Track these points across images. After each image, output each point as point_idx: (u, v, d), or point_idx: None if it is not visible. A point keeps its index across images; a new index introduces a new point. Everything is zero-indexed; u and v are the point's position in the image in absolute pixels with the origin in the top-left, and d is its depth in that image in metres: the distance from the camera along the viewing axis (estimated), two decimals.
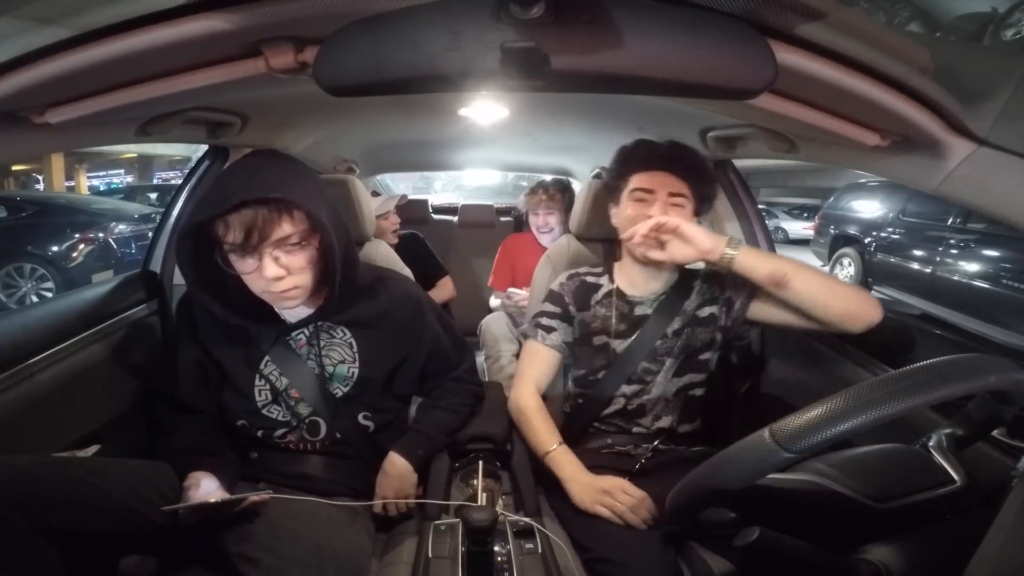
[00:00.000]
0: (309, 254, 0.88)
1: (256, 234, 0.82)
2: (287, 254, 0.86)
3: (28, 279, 5.22)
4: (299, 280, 0.88)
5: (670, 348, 1.14)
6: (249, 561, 0.80)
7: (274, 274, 0.85)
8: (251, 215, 0.81)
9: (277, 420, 1.02)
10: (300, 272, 0.88)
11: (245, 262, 0.85)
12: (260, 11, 0.56)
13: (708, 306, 1.16)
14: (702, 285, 1.18)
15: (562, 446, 1.10)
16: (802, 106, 0.75)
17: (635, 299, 1.17)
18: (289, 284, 0.87)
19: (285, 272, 0.86)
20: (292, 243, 0.85)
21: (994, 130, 0.67)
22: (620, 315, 1.17)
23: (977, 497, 0.59)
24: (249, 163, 0.88)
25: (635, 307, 1.17)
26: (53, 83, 0.62)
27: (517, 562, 0.87)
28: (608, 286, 1.20)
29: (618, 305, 1.17)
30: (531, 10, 0.51)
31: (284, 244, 0.85)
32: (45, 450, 0.97)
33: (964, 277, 4.43)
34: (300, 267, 0.87)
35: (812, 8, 0.55)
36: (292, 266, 0.86)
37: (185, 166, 12.88)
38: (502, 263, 2.25)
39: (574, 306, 1.20)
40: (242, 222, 0.81)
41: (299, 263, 0.87)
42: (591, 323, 1.19)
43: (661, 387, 1.15)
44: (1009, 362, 0.54)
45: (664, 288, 1.18)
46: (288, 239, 0.85)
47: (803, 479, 0.61)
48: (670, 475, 0.86)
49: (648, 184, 1.10)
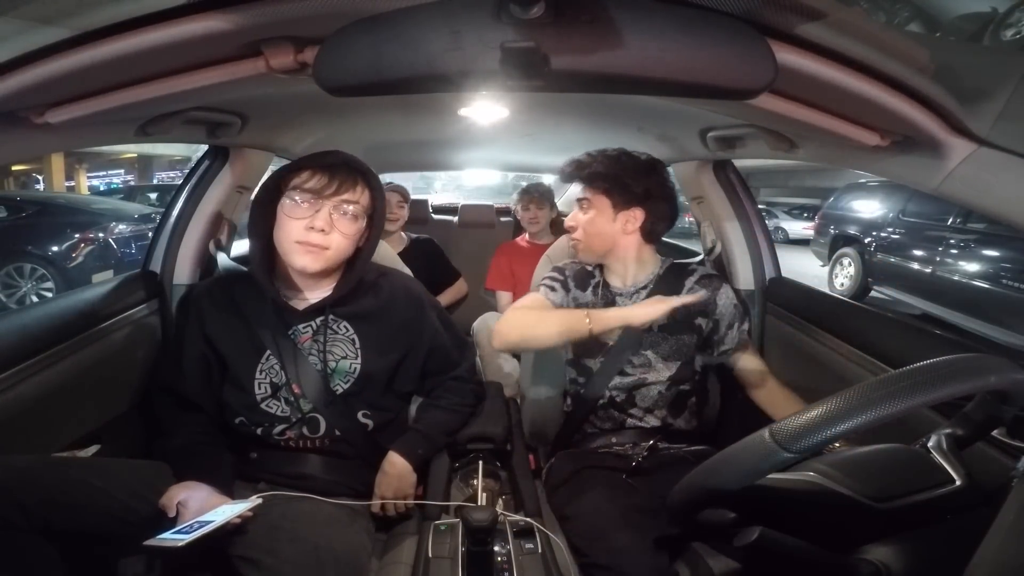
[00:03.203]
0: (356, 228, 1.00)
1: (334, 186, 0.96)
2: (341, 216, 0.98)
3: (28, 279, 5.21)
4: (335, 242, 0.97)
5: (656, 343, 1.18)
6: (249, 562, 0.80)
7: (320, 224, 0.95)
8: (341, 172, 0.98)
9: (276, 415, 1.02)
10: (341, 236, 0.98)
11: (302, 207, 0.96)
12: (260, 11, 0.56)
13: (699, 316, 1.20)
14: (696, 287, 1.22)
15: (595, 311, 1.07)
16: (802, 106, 0.75)
17: (616, 290, 1.23)
18: (325, 241, 0.96)
19: (330, 228, 0.96)
20: (350, 211, 0.98)
21: (994, 130, 0.66)
22: (605, 304, 1.21)
23: (977, 497, 0.59)
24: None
25: (616, 299, 1.22)
26: (53, 83, 0.62)
27: (517, 562, 0.87)
28: (598, 277, 1.26)
29: (603, 295, 1.23)
30: (531, 10, 0.51)
31: (344, 207, 0.97)
32: (45, 450, 0.97)
33: (964, 277, 4.43)
34: (344, 231, 0.98)
35: (812, 8, 0.55)
36: (340, 227, 0.98)
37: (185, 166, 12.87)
38: (499, 266, 2.30)
39: (573, 283, 1.26)
40: (331, 174, 0.97)
41: (345, 228, 0.98)
42: (584, 305, 1.23)
43: (648, 382, 1.17)
44: (1009, 362, 0.54)
45: (646, 281, 1.22)
46: (350, 204, 0.98)
47: (803, 479, 0.61)
48: (668, 475, 0.86)
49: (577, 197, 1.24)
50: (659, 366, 1.18)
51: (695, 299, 1.06)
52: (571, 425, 1.24)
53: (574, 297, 1.25)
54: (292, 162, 1.01)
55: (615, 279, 1.24)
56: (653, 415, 1.18)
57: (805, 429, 0.51)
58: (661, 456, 1.14)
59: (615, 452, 1.16)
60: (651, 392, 1.18)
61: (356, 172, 1.00)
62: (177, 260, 1.36)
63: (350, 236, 0.99)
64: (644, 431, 1.17)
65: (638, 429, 1.17)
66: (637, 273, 1.23)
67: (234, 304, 1.04)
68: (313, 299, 1.03)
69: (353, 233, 1.00)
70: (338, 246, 0.98)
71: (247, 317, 1.03)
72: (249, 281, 1.03)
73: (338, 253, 0.99)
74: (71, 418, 1.05)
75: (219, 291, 1.07)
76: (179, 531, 0.76)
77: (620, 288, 1.23)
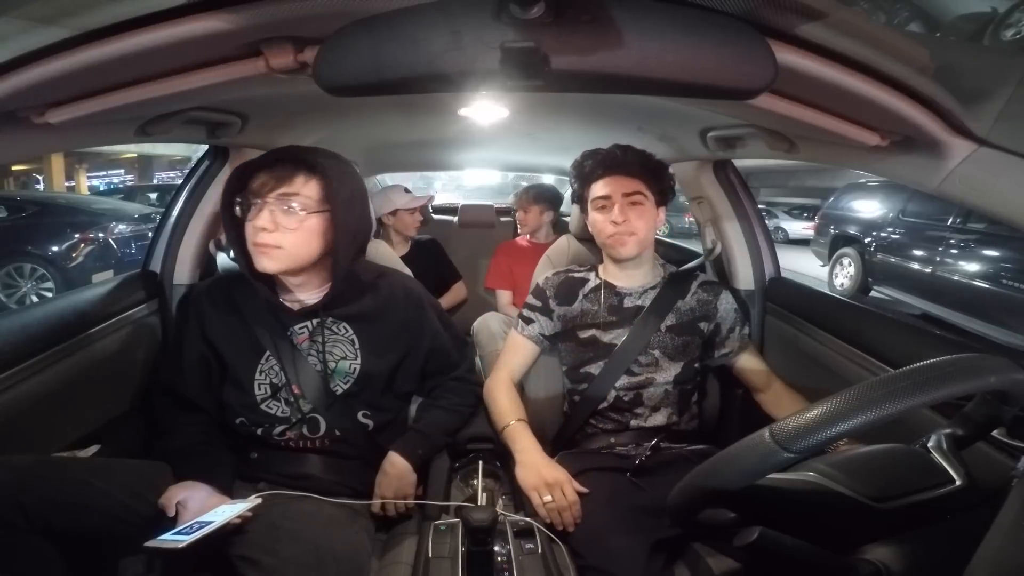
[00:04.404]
0: (307, 222, 0.93)
1: (272, 182, 0.92)
2: (284, 212, 0.92)
3: (28, 279, 5.21)
4: (283, 240, 0.92)
5: (663, 343, 1.18)
6: (249, 562, 0.80)
7: (263, 224, 0.91)
8: (279, 167, 0.93)
9: (276, 416, 1.02)
10: (287, 232, 0.92)
11: (251, 210, 0.94)
12: (260, 11, 0.56)
13: (702, 320, 1.21)
14: (699, 291, 1.23)
15: (520, 423, 1.14)
16: (802, 106, 0.75)
17: (624, 291, 1.22)
18: (272, 240, 0.92)
19: (274, 227, 0.91)
20: (293, 205, 0.92)
21: (994, 130, 0.67)
22: (609, 307, 1.21)
23: (977, 497, 0.59)
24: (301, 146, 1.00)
25: (624, 298, 1.21)
26: (53, 83, 0.62)
27: (517, 562, 0.87)
28: (595, 281, 1.24)
29: (607, 297, 1.21)
30: (531, 10, 0.51)
31: (285, 201, 0.92)
32: (45, 450, 0.97)
33: (964, 277, 4.43)
34: (288, 228, 0.92)
35: (812, 8, 0.55)
36: (282, 223, 0.92)
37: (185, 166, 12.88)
38: (499, 265, 2.31)
39: (555, 300, 1.25)
40: (270, 171, 0.93)
41: (289, 224, 0.92)
42: (576, 317, 1.22)
43: (656, 381, 1.17)
44: (1009, 362, 0.54)
45: (654, 281, 1.22)
46: (290, 197, 0.92)
47: (803, 479, 0.61)
48: (670, 474, 0.86)
49: (604, 191, 1.17)
50: (666, 365, 1.18)
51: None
52: (571, 427, 1.23)
53: (561, 315, 1.24)
54: (236, 167, 0.98)
55: (623, 279, 1.22)
56: (658, 413, 1.18)
57: (805, 429, 0.51)
58: (663, 456, 1.14)
59: (617, 452, 1.16)
60: (658, 392, 1.17)
61: (299, 164, 0.94)
62: (177, 260, 1.36)
63: (298, 230, 0.93)
64: (646, 431, 1.17)
65: (640, 429, 1.17)
66: (647, 273, 1.23)
67: (233, 305, 1.04)
68: (307, 300, 1.02)
69: (298, 227, 0.92)
70: (292, 243, 0.93)
71: (246, 318, 1.03)
72: (247, 282, 1.03)
73: (296, 250, 0.94)
74: (71, 418, 1.05)
75: (218, 292, 1.07)
76: (179, 532, 0.76)
77: (628, 288, 1.22)
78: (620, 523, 0.95)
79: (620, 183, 1.15)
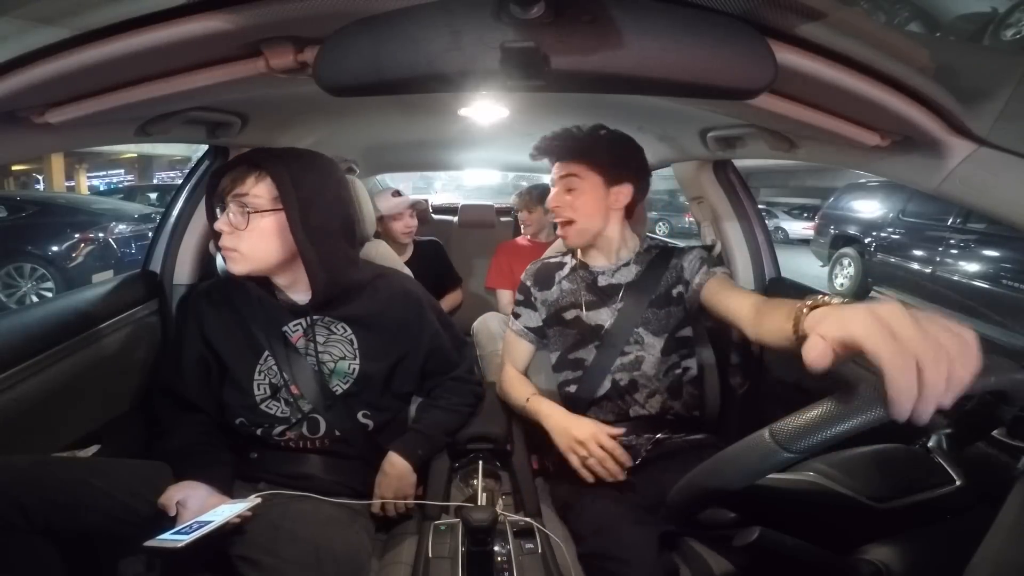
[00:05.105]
0: (260, 223, 0.93)
1: (225, 185, 0.93)
2: (239, 214, 0.92)
3: (28, 279, 5.21)
4: (239, 243, 0.93)
5: (647, 319, 1.18)
6: (248, 562, 0.80)
7: (219, 227, 0.93)
8: (234, 170, 0.94)
9: (276, 416, 1.02)
10: (242, 235, 0.92)
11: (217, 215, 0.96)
12: (260, 11, 0.56)
13: (676, 285, 1.20)
14: (676, 263, 1.22)
15: (536, 396, 1.18)
16: (802, 106, 0.75)
17: (597, 269, 1.23)
18: (230, 243, 0.93)
19: (230, 229, 0.92)
20: (246, 207, 0.92)
21: (994, 130, 0.66)
22: (587, 286, 1.23)
23: (977, 497, 0.59)
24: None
25: (598, 277, 1.23)
26: (53, 83, 0.61)
27: (517, 562, 0.87)
28: (572, 262, 1.26)
29: (584, 276, 1.23)
30: (531, 10, 0.51)
31: (238, 202, 0.92)
32: (45, 450, 0.97)
33: (964, 277, 4.43)
34: (241, 229, 0.92)
35: (812, 8, 0.55)
36: (236, 224, 0.92)
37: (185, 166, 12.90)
38: (499, 265, 2.30)
39: (535, 288, 1.27)
40: (227, 174, 0.94)
41: (241, 225, 0.92)
42: (557, 300, 1.24)
43: (649, 364, 1.17)
44: (1009, 362, 0.54)
45: (627, 258, 1.22)
46: (242, 198, 0.92)
47: (803, 479, 0.61)
48: (672, 465, 0.85)
49: (553, 176, 1.19)
50: (651, 340, 1.17)
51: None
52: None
53: (543, 301, 1.26)
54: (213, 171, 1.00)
55: (598, 259, 1.23)
56: (654, 399, 1.17)
57: (805, 429, 0.51)
58: (664, 446, 1.13)
59: (620, 443, 1.16)
60: (648, 370, 1.17)
61: (250, 164, 0.94)
62: (177, 260, 1.36)
63: (253, 231, 0.92)
64: (645, 419, 1.16)
65: (640, 418, 1.16)
66: (620, 249, 1.23)
67: (232, 305, 1.04)
68: (299, 299, 1.03)
69: (251, 228, 0.92)
70: (248, 246, 0.93)
71: (244, 318, 1.03)
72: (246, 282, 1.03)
73: (252, 252, 0.93)
74: (71, 418, 1.05)
75: (218, 292, 1.07)
76: (179, 531, 0.76)
77: (603, 267, 1.22)
78: (626, 515, 0.95)
79: (558, 167, 1.18)
